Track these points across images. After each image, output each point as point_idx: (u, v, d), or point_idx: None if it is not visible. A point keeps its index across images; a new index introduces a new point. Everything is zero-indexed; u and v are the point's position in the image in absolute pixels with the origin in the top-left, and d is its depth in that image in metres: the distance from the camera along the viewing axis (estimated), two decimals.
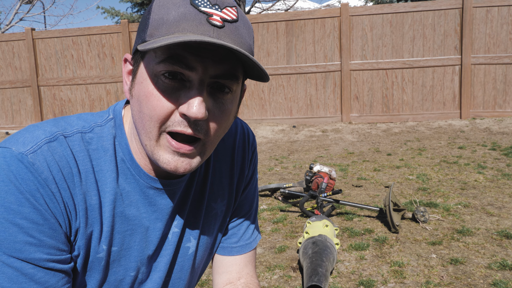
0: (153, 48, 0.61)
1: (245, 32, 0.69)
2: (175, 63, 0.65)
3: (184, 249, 0.87)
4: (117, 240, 0.77)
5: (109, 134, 0.77)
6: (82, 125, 0.75)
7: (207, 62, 0.65)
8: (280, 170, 5.73)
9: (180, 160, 0.70)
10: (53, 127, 0.72)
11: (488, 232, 3.26)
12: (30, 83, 9.87)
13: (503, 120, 8.07)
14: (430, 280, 2.59)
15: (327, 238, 2.80)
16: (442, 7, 8.38)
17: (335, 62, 8.79)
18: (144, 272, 0.83)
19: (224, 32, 0.66)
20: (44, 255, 0.67)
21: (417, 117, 8.64)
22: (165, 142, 0.69)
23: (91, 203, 0.73)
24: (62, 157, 0.70)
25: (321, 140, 7.78)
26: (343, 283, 2.63)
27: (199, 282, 2.74)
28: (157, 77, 0.66)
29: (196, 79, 0.66)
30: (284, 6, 16.20)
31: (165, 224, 0.82)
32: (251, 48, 0.71)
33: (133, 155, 0.77)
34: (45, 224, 0.67)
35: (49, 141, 0.70)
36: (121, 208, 0.77)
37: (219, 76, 0.67)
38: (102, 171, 0.74)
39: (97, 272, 0.76)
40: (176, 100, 0.67)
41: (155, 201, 0.80)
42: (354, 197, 4.35)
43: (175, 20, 0.64)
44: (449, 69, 8.48)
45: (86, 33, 9.58)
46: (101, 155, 0.75)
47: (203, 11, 0.65)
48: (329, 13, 8.79)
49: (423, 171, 5.19)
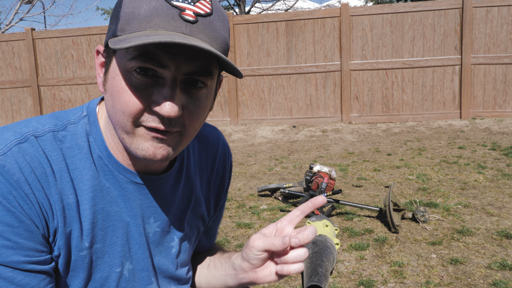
0: (122, 48, 0.60)
1: (220, 25, 0.68)
2: (147, 60, 0.64)
3: (167, 248, 0.87)
4: (100, 237, 0.77)
5: (83, 131, 0.76)
6: (54, 123, 0.75)
7: (179, 60, 0.64)
8: (280, 170, 5.73)
9: (158, 146, 0.69)
10: (23, 128, 0.72)
11: (488, 232, 3.26)
12: (30, 83, 9.87)
13: (503, 120, 8.06)
14: (430, 280, 2.59)
15: (327, 238, 2.80)
16: (442, 7, 8.38)
17: (335, 62, 8.79)
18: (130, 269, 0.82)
19: (197, 28, 0.64)
20: (22, 257, 0.66)
21: (417, 117, 8.64)
22: (142, 132, 0.69)
23: (68, 202, 0.72)
24: (33, 158, 0.69)
25: (321, 140, 7.78)
26: (343, 283, 2.62)
27: None
28: (130, 73, 0.66)
29: (169, 76, 0.65)
30: (284, 6, 16.20)
31: (143, 220, 0.81)
32: (226, 41, 0.70)
33: (110, 151, 0.76)
34: (20, 226, 0.66)
35: (19, 143, 0.69)
36: (102, 205, 0.76)
37: (192, 73, 0.66)
38: (78, 169, 0.74)
39: (81, 271, 0.76)
40: (149, 97, 0.66)
41: (134, 196, 0.79)
42: (354, 197, 4.35)
43: (147, 15, 0.63)
44: (449, 69, 8.48)
45: (86, 33, 9.58)
46: (76, 153, 0.74)
47: (175, 6, 0.63)
48: (329, 13, 8.79)
49: (423, 171, 5.19)
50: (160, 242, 0.85)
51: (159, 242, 0.85)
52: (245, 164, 6.23)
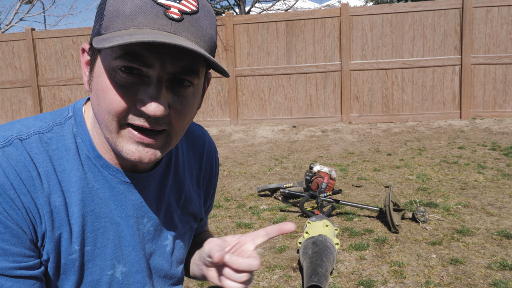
0: (106, 47, 0.59)
1: (206, 22, 0.67)
2: (132, 60, 0.63)
3: (162, 247, 0.86)
4: (90, 240, 0.75)
5: (69, 132, 0.75)
6: (39, 125, 0.73)
7: (164, 59, 0.63)
8: (280, 170, 5.73)
9: (144, 150, 0.68)
10: (7, 131, 0.70)
11: (488, 232, 3.26)
12: (30, 83, 9.87)
13: (503, 120, 8.06)
14: (430, 280, 2.59)
15: (327, 238, 2.80)
16: (442, 7, 8.38)
17: (335, 62, 8.79)
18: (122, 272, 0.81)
19: (183, 26, 0.63)
20: (10, 263, 0.65)
21: (417, 117, 8.64)
22: (127, 133, 0.68)
23: (55, 204, 0.71)
24: (18, 162, 0.68)
25: (321, 140, 7.78)
26: (343, 283, 2.62)
27: (198, 282, 2.74)
28: (115, 72, 0.65)
29: (154, 75, 0.64)
30: (284, 6, 16.20)
31: (136, 220, 0.80)
32: (213, 39, 0.68)
33: (98, 151, 0.76)
34: (7, 232, 0.65)
35: (3, 146, 0.68)
36: (91, 207, 0.75)
37: (178, 72, 0.65)
38: (65, 171, 0.72)
39: (72, 274, 0.75)
40: (134, 95, 0.65)
41: (125, 196, 0.78)
42: (354, 197, 4.35)
43: (131, 13, 0.62)
44: (449, 69, 8.48)
45: (86, 33, 9.58)
46: (63, 154, 0.73)
47: (160, 3, 0.62)
48: (329, 13, 8.79)
49: (423, 171, 5.18)
50: (154, 241, 0.84)
51: (153, 241, 0.84)
52: (245, 164, 6.23)
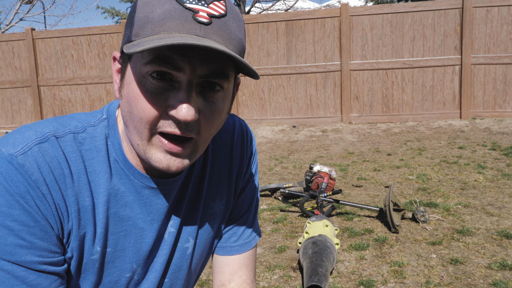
0: (136, 52, 0.59)
1: (235, 26, 0.67)
2: (162, 64, 0.63)
3: (182, 249, 0.86)
4: (111, 242, 0.76)
5: (102, 134, 0.75)
6: (75, 125, 0.74)
7: (195, 62, 0.64)
8: (280, 170, 5.73)
9: (172, 159, 0.69)
10: (45, 128, 0.71)
11: (488, 232, 3.26)
12: (30, 83, 9.87)
13: (503, 120, 8.06)
14: (430, 280, 2.59)
15: (327, 238, 2.80)
16: (442, 7, 8.38)
17: (335, 62, 8.79)
18: (140, 273, 0.81)
19: (212, 29, 0.63)
20: (35, 257, 0.66)
21: (417, 117, 8.64)
22: (157, 142, 0.68)
23: (83, 204, 0.72)
24: (53, 158, 0.69)
25: (321, 140, 7.78)
26: (343, 283, 2.63)
27: (198, 282, 2.74)
28: (145, 78, 0.65)
29: (185, 79, 0.65)
30: (284, 6, 16.20)
31: (160, 224, 0.80)
32: (241, 42, 0.69)
33: (125, 155, 0.76)
34: (36, 226, 0.66)
35: (39, 142, 0.69)
36: (115, 209, 0.75)
37: (207, 75, 0.65)
38: (95, 171, 0.73)
39: (91, 274, 0.76)
40: (165, 101, 0.66)
41: (151, 201, 0.78)
42: (354, 197, 4.35)
43: (160, 18, 0.62)
44: (449, 69, 8.48)
45: (86, 33, 9.58)
46: (94, 155, 0.74)
47: (188, 8, 0.63)
48: (329, 13, 8.79)
49: (423, 171, 5.18)
50: (175, 243, 0.84)
51: (174, 243, 0.84)
52: None
